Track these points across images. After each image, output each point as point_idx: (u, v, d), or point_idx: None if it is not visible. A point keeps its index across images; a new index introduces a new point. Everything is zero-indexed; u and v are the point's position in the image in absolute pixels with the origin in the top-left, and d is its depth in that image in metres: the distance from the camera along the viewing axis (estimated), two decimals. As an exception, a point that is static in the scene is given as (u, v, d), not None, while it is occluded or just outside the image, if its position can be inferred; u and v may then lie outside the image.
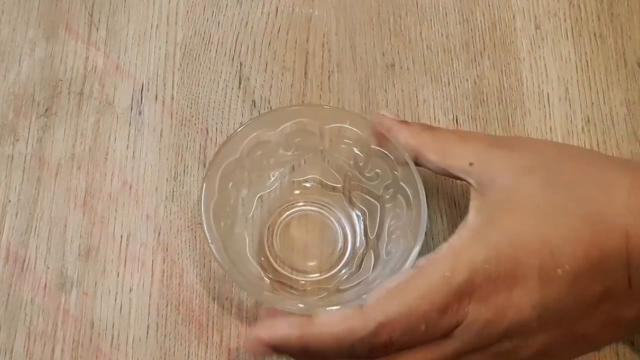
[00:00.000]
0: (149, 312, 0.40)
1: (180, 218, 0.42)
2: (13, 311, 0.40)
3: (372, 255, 0.39)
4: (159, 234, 0.42)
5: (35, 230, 0.42)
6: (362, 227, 0.41)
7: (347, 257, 0.41)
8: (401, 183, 0.38)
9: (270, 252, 0.41)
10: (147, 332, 0.40)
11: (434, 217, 0.42)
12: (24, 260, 0.41)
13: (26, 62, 0.46)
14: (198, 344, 0.39)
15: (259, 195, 0.42)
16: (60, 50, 0.46)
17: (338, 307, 0.33)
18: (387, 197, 0.39)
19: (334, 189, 0.42)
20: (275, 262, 0.41)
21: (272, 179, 0.42)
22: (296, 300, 0.38)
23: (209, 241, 0.36)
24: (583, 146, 0.44)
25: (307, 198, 0.42)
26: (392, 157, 0.38)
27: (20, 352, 0.39)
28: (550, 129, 0.45)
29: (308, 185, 0.43)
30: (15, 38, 0.47)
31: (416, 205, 0.36)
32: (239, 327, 0.40)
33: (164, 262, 0.41)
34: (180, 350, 0.39)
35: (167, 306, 0.40)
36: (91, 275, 0.41)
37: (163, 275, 0.41)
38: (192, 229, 0.42)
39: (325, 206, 0.42)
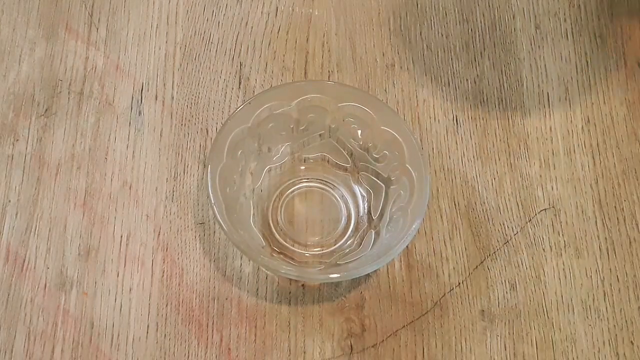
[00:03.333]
0: (149, 312, 0.40)
1: (180, 218, 0.42)
2: (13, 311, 0.40)
3: (373, 234, 0.40)
4: (159, 234, 0.42)
5: (35, 230, 0.42)
6: (366, 206, 0.41)
7: (349, 235, 0.41)
8: (407, 165, 0.39)
9: (273, 224, 0.41)
10: (147, 332, 0.40)
11: (434, 217, 0.42)
12: (24, 260, 0.41)
13: (26, 62, 0.46)
14: (198, 344, 0.39)
15: (267, 167, 0.42)
16: (60, 50, 0.46)
17: (335, 275, 0.36)
18: (392, 179, 0.40)
19: (341, 167, 0.43)
20: (278, 234, 0.41)
21: (282, 152, 0.43)
22: (293, 267, 0.39)
23: (212, 202, 0.36)
24: (583, 146, 0.44)
25: (314, 175, 0.43)
26: (400, 139, 0.38)
27: (20, 352, 0.39)
28: (550, 129, 0.45)
29: (316, 162, 0.43)
30: (15, 38, 0.47)
31: (419, 187, 0.37)
32: (239, 327, 0.40)
33: (164, 262, 0.41)
34: (180, 350, 0.39)
35: (167, 306, 0.40)
36: (91, 275, 0.41)
37: (163, 275, 0.41)
38: (192, 229, 0.42)
39: (331, 184, 0.43)
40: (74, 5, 0.48)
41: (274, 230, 0.41)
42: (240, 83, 0.46)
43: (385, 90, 0.46)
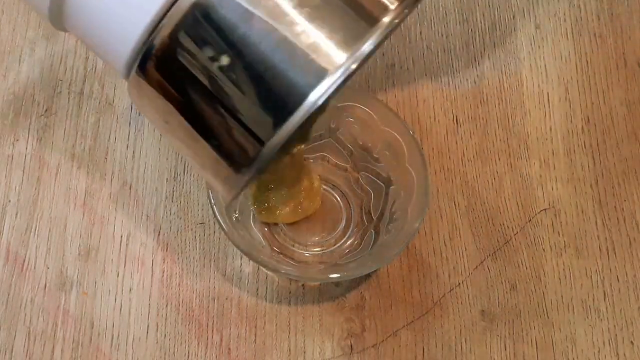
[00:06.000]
0: (149, 312, 0.40)
1: (180, 218, 0.42)
2: (13, 311, 0.40)
3: (373, 234, 0.40)
4: (159, 234, 0.42)
5: (35, 230, 0.42)
6: (366, 207, 0.41)
7: (349, 235, 0.41)
8: (407, 165, 0.39)
9: (273, 223, 0.41)
10: (147, 332, 0.40)
11: (434, 217, 0.42)
12: (24, 260, 0.41)
13: (26, 62, 0.46)
14: (198, 344, 0.39)
15: None
16: (60, 50, 0.46)
17: (335, 275, 0.36)
18: (392, 179, 0.40)
19: (341, 167, 0.43)
20: (278, 234, 0.41)
21: None
22: (293, 267, 0.39)
23: (212, 202, 0.36)
24: (583, 146, 0.44)
25: (314, 174, 0.43)
26: (400, 139, 0.38)
27: (20, 352, 0.39)
28: (550, 129, 0.45)
29: (316, 162, 0.43)
30: (15, 38, 0.47)
31: (419, 187, 0.37)
32: (239, 327, 0.40)
33: (164, 262, 0.41)
34: (180, 350, 0.39)
35: (167, 306, 0.40)
36: (91, 275, 0.41)
37: (163, 275, 0.41)
38: (192, 229, 0.42)
39: (331, 184, 0.43)
40: (74, 5, 0.48)
41: (273, 230, 0.41)
42: (240, 83, 0.46)
43: (385, 90, 0.46)
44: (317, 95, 0.25)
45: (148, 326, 0.40)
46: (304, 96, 0.25)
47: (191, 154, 0.29)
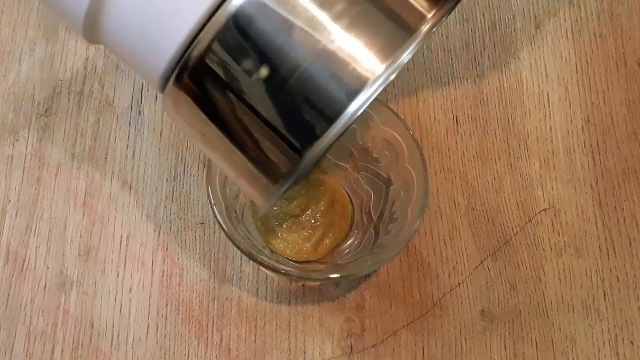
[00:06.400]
0: (149, 312, 0.40)
1: (180, 218, 0.42)
2: (13, 311, 0.40)
3: (373, 234, 0.40)
4: (159, 234, 0.42)
5: (35, 230, 0.42)
6: (366, 207, 0.41)
7: (349, 235, 0.41)
8: (407, 165, 0.39)
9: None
10: (147, 332, 0.40)
11: (434, 217, 0.42)
12: (24, 260, 0.41)
13: (26, 62, 0.46)
14: (198, 344, 0.39)
15: None
16: (60, 50, 0.46)
17: (335, 275, 0.36)
18: (392, 179, 0.40)
19: (341, 167, 0.43)
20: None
21: None
22: (293, 267, 0.39)
23: (212, 202, 0.36)
24: (583, 146, 0.44)
25: (314, 175, 0.42)
26: (400, 139, 0.39)
27: (20, 352, 0.39)
28: (550, 129, 0.45)
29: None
30: (15, 38, 0.47)
31: (419, 187, 0.37)
32: (239, 327, 0.40)
33: (164, 262, 0.41)
34: (180, 350, 0.39)
35: (167, 306, 0.40)
36: (91, 275, 0.41)
37: (163, 275, 0.41)
38: (192, 229, 0.42)
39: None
40: (74, 5, 0.48)
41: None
42: (240, 83, 0.46)
43: (386, 90, 0.46)
44: (356, 105, 0.25)
45: (148, 326, 0.40)
46: (343, 107, 0.25)
47: (228, 165, 0.29)
